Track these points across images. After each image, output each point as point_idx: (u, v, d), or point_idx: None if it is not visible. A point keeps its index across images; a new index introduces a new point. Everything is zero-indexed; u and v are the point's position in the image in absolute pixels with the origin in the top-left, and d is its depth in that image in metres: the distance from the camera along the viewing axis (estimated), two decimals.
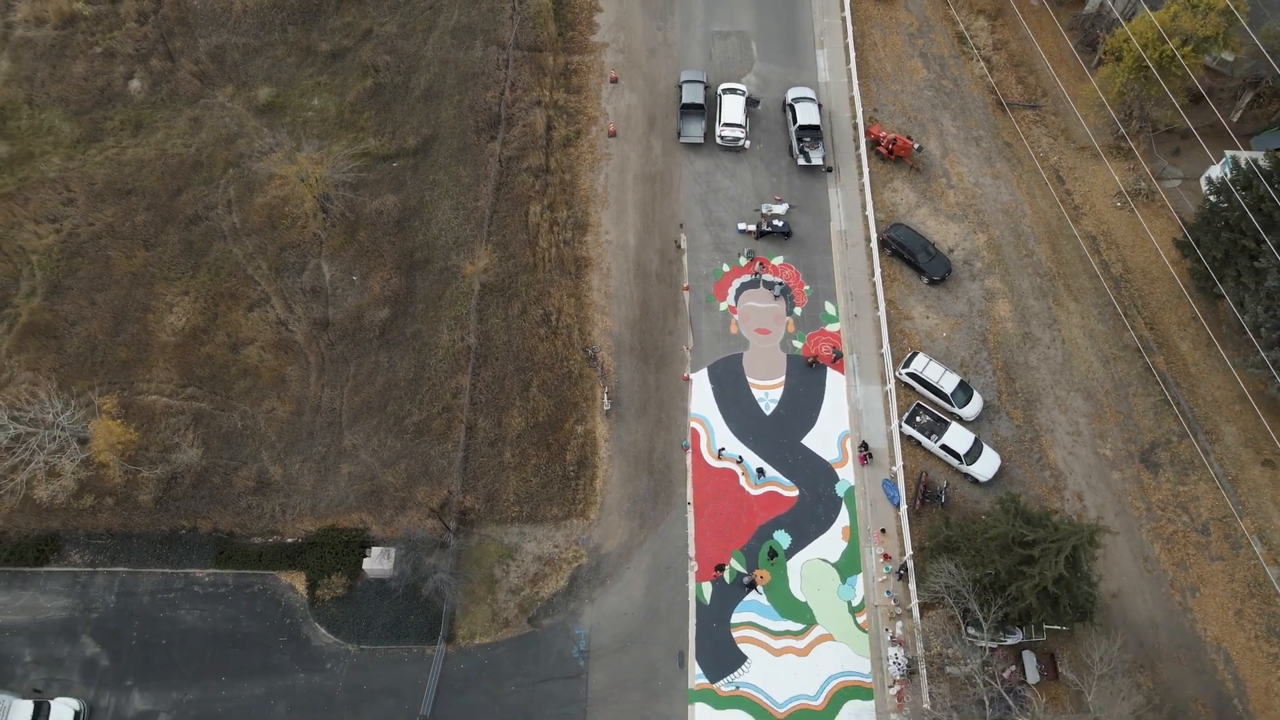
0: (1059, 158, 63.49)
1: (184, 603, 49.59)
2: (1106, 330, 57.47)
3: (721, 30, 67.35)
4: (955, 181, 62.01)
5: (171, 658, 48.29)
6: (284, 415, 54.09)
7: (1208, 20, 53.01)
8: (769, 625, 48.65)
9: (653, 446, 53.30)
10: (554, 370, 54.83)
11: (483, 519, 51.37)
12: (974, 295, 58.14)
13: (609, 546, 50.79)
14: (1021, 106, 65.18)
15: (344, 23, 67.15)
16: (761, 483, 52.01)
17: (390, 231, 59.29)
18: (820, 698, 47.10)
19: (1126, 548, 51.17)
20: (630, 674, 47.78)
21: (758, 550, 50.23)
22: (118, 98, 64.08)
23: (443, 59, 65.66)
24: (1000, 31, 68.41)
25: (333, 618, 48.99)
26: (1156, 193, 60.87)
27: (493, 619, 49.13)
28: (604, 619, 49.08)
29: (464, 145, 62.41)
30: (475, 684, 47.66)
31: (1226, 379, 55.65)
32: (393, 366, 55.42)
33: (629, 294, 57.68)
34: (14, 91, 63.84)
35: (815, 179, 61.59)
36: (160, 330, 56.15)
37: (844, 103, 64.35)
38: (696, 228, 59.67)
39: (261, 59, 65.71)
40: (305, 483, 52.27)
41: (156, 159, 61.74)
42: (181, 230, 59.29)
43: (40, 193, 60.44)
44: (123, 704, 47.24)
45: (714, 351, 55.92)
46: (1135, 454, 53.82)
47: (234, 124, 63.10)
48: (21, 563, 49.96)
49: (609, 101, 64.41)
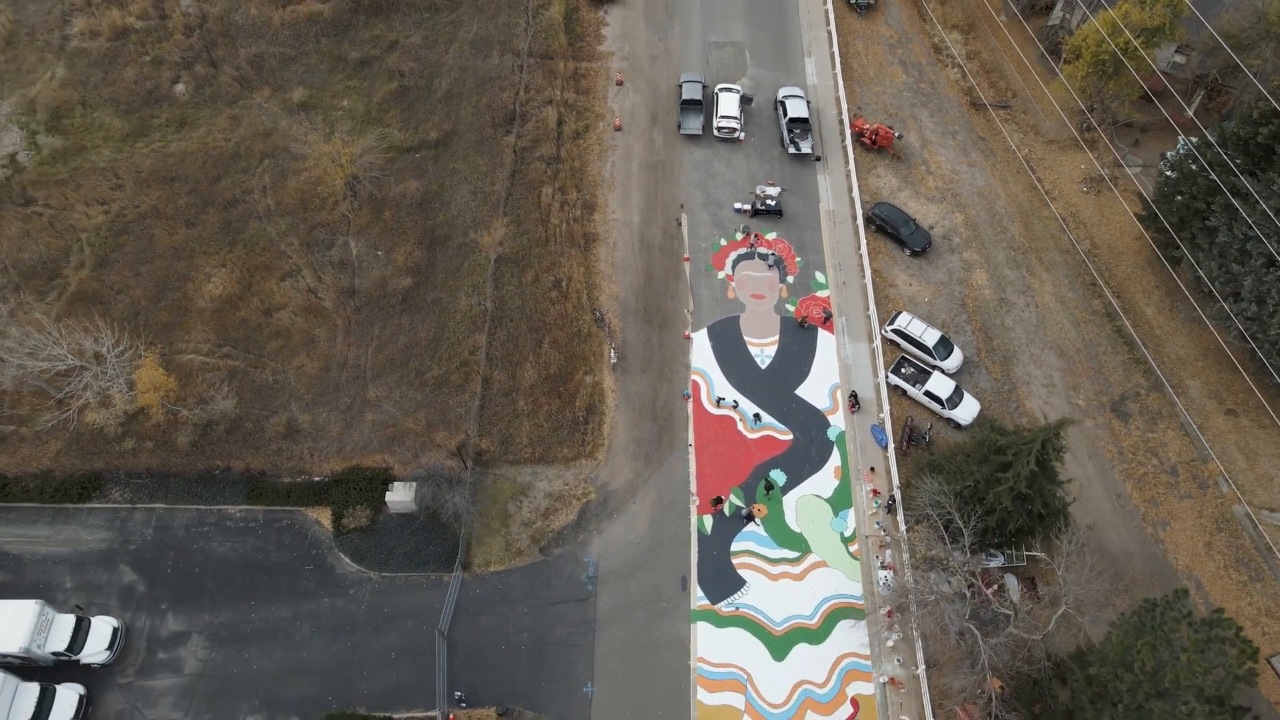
0: (1029, 150, 68.91)
1: (216, 536, 52.76)
2: (1077, 297, 61.90)
3: (718, 41, 73.64)
4: (934, 169, 67.30)
5: (204, 585, 51.24)
6: (312, 371, 58.08)
7: (1154, 12, 58.90)
8: (766, 553, 51.76)
9: (656, 396, 57.16)
10: (564, 330, 59.04)
11: (498, 460, 54.91)
12: (953, 266, 62.76)
13: (615, 484, 54.21)
14: (994, 106, 70.93)
15: (372, 35, 73.43)
16: (758, 427, 55.69)
17: (413, 212, 64.23)
18: (815, 617, 49.95)
19: (1100, 486, 54.59)
20: (636, 597, 50.68)
21: (755, 487, 53.60)
22: (164, 99, 69.83)
23: (462, 66, 71.70)
24: (973, 43, 74.70)
25: (356, 548, 52.11)
26: (1120, 179, 66.02)
27: (506, 548, 52.25)
28: (611, 548, 52.21)
29: (481, 138, 67.87)
30: (490, 607, 50.52)
31: (1190, 339, 59.88)
32: (414, 328, 59.64)
33: (634, 264, 62.30)
34: (68, 93, 69.60)
35: (805, 166, 66.85)
36: (199, 297, 60.52)
37: (830, 102, 70.10)
38: (696, 207, 64.66)
39: (297, 66, 71.73)
40: (332, 429, 55.97)
41: (198, 151, 67.08)
42: (220, 211, 64.20)
43: (91, 180, 65.59)
44: (157, 625, 50.04)
45: (713, 314, 60.24)
46: (1106, 404, 57.64)
47: (270, 121, 68.68)
48: (66, 499, 53.27)
49: (615, 101, 70.19)
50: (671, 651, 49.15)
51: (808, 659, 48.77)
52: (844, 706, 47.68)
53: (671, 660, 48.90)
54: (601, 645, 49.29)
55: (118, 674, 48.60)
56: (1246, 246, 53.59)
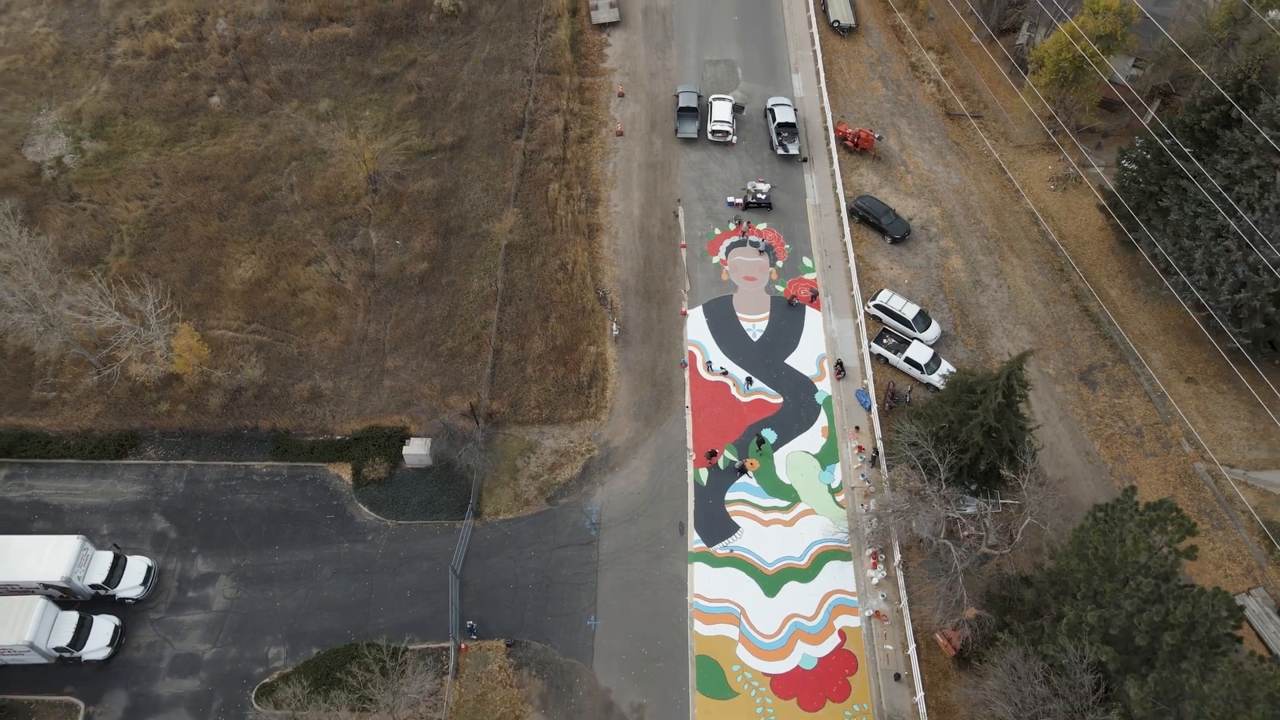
0: (1000, 154, 74.34)
1: (243, 489, 56.38)
2: (1046, 280, 66.55)
3: (712, 59, 79.82)
4: (912, 169, 72.65)
5: (231, 532, 54.70)
6: (335, 344, 62.39)
7: (1106, 20, 64.85)
8: (759, 502, 55.32)
9: (655, 365, 61.33)
10: (569, 307, 63.52)
11: (507, 420, 58.82)
12: (930, 252, 67.55)
13: (617, 442, 58.02)
14: (966, 116, 76.67)
15: (393, 54, 79.61)
16: (750, 392, 59.72)
17: (429, 206, 69.31)
18: (805, 558, 53.28)
19: (1070, 445, 58.36)
20: (636, 541, 54.07)
21: (748, 444, 57.39)
22: (200, 109, 75.60)
23: (476, 81, 77.69)
24: (947, 62, 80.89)
25: (374, 498, 55.68)
26: (1084, 178, 71.29)
27: (515, 499, 55.82)
28: (613, 498, 55.77)
29: (493, 143, 73.39)
30: (499, 550, 53.87)
31: (1151, 316, 64.31)
32: (430, 307, 64.14)
33: (634, 251, 67.11)
34: (112, 105, 75.39)
35: (793, 167, 72.18)
36: (229, 280, 65.19)
37: (816, 111, 75.84)
38: (691, 201, 69.75)
39: (323, 81, 77.70)
40: (352, 394, 60.03)
41: (231, 154, 72.52)
42: (250, 206, 69.29)
43: (131, 179, 70.88)
44: (188, 567, 53.37)
45: (708, 294, 64.78)
46: (1075, 373, 61.77)
47: (298, 129, 74.27)
48: (104, 456, 57.05)
49: (617, 110, 75.95)
50: (670, 589, 52.36)
51: (798, 595, 51.95)
52: (832, 637, 50.71)
53: (670, 596, 52.09)
54: (604, 584, 52.51)
55: (150, 610, 51.77)
56: (1196, 223, 58.41)
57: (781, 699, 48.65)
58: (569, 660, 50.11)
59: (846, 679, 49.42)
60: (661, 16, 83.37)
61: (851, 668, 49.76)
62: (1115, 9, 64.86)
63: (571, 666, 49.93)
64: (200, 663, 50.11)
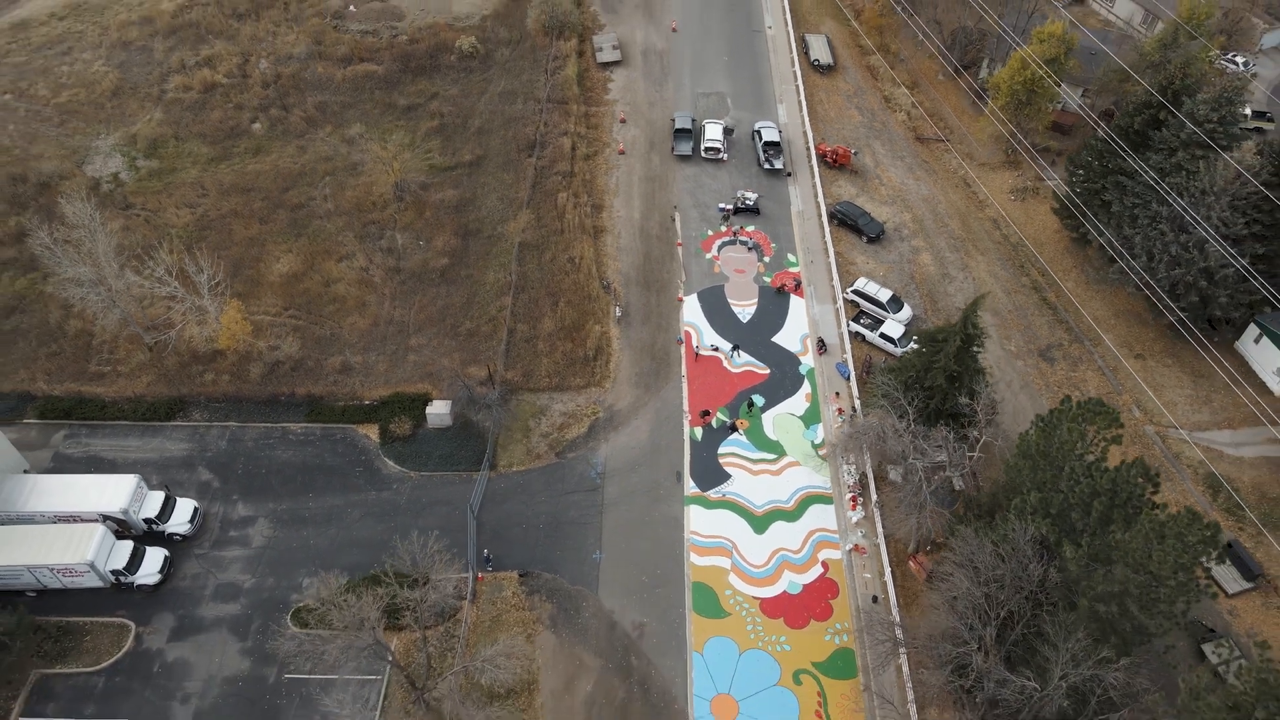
0: (965, 171, 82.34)
1: (280, 446, 62.09)
2: (1008, 274, 73.55)
3: (705, 91, 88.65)
4: (886, 181, 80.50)
5: (269, 482, 60.20)
6: (363, 326, 68.92)
7: (1050, 45, 73.56)
8: (749, 455, 60.99)
9: (654, 341, 67.75)
10: (577, 294, 70.26)
11: (520, 388, 64.89)
12: (903, 250, 74.73)
13: (620, 405, 63.98)
14: (934, 140, 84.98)
15: (417, 88, 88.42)
16: (740, 363, 65.99)
17: (450, 212, 76.79)
18: (790, 501, 58.69)
19: (1031, 410, 64.02)
20: (637, 487, 59.55)
21: (739, 407, 63.38)
22: (244, 134, 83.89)
23: (492, 110, 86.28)
24: (916, 95, 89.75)
25: (399, 453, 61.35)
26: (1040, 189, 79.09)
27: (527, 453, 61.48)
28: (616, 452, 61.44)
29: (508, 160, 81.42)
30: (513, 497, 59.29)
31: (1103, 303, 71.03)
32: (450, 295, 70.91)
33: (635, 248, 74.29)
34: (164, 130, 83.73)
35: (778, 180, 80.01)
36: (269, 274, 72.12)
37: (798, 135, 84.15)
38: (687, 207, 77.28)
39: (354, 110, 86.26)
40: (379, 367, 66.27)
41: (271, 170, 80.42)
42: (288, 213, 76.76)
43: (181, 190, 78.57)
44: (229, 511, 58.71)
45: (702, 284, 71.63)
46: (1035, 351, 68.15)
47: (331, 149, 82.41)
48: (154, 418, 62.93)
49: (619, 133, 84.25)
50: (668, 527, 57.63)
51: (784, 532, 57.20)
52: (815, 568, 55.76)
53: (668, 533, 57.33)
54: (608, 523, 57.79)
55: (195, 546, 56.93)
56: (1134, 212, 65.78)
57: (769, 618, 53.46)
58: (576, 587, 55.05)
59: (829, 602, 54.29)
60: (659, 57, 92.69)
61: (833, 593, 54.69)
62: (1059, 35, 73.60)
63: (578, 593, 54.84)
64: (240, 590, 55.04)
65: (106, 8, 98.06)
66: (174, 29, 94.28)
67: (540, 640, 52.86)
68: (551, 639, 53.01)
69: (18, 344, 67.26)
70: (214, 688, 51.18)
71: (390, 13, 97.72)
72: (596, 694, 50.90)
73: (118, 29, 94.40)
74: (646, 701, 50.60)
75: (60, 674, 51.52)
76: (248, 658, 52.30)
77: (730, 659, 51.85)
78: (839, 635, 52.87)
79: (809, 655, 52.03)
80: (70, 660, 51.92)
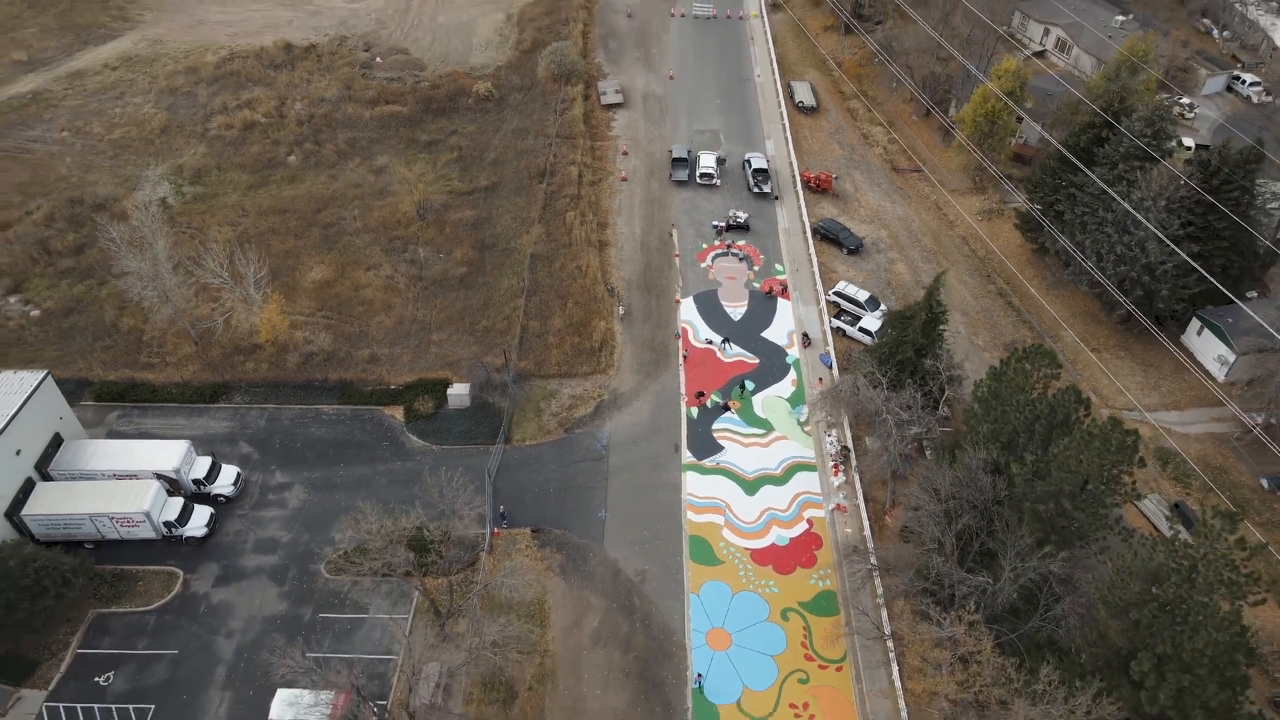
0: (937, 196, 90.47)
1: (314, 425, 68.26)
2: (976, 282, 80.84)
3: (699, 129, 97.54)
4: (864, 204, 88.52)
5: (304, 455, 66.20)
6: (389, 324, 75.80)
7: (1006, 80, 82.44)
8: (740, 430, 67.17)
9: (654, 336, 74.55)
10: (584, 296, 77.34)
11: (533, 375, 71.39)
12: (880, 261, 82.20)
13: (623, 389, 70.39)
14: (909, 171, 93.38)
15: (438, 126, 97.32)
16: (731, 354, 72.67)
17: (468, 229, 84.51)
18: (778, 469, 64.63)
19: None
20: (639, 457, 65.53)
21: (731, 390, 69.83)
22: (280, 165, 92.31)
23: (506, 144, 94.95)
24: (892, 133, 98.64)
25: (421, 429, 67.47)
26: (1005, 211, 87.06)
27: (539, 430, 67.63)
28: (619, 428, 67.59)
29: (521, 186, 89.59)
30: (526, 466, 65.23)
31: (1063, 306, 78.09)
32: (468, 299, 78.01)
33: (636, 259, 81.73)
34: (207, 161, 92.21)
35: (766, 203, 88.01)
36: (303, 281, 79.33)
37: (785, 165, 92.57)
38: (683, 225, 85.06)
39: (381, 144, 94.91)
40: (404, 358, 72.88)
41: (305, 195, 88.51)
42: (321, 230, 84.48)
43: (223, 211, 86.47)
44: (268, 478, 64.56)
45: (697, 288, 78.82)
46: (1000, 345, 74.86)
47: (359, 178, 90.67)
48: (200, 401, 69.23)
49: (621, 164, 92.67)
50: (666, 490, 63.44)
51: (773, 495, 62.99)
52: (800, 524, 61.41)
53: (667, 495, 63.10)
54: (612, 488, 63.60)
55: (237, 508, 62.60)
56: (1084, 219, 73.44)
57: (759, 566, 58.92)
58: (583, 541, 60.60)
59: (813, 552, 59.81)
60: (658, 101, 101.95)
61: (817, 544, 60.25)
62: (1014, 71, 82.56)
63: (586, 545, 60.37)
64: (279, 544, 60.55)
65: (155, 60, 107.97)
66: (217, 78, 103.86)
67: (551, 585, 58.19)
68: (561, 584, 58.35)
69: (75, 339, 73.94)
70: (254, 625, 56.30)
71: (413, 63, 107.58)
72: (602, 629, 56.05)
73: (166, 77, 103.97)
74: (648, 635, 55.72)
75: (115, 613, 56.71)
76: (285, 600, 57.55)
77: (724, 599, 57.16)
78: (822, 579, 58.26)
79: (795, 596, 57.34)
80: (124, 601, 57.16)
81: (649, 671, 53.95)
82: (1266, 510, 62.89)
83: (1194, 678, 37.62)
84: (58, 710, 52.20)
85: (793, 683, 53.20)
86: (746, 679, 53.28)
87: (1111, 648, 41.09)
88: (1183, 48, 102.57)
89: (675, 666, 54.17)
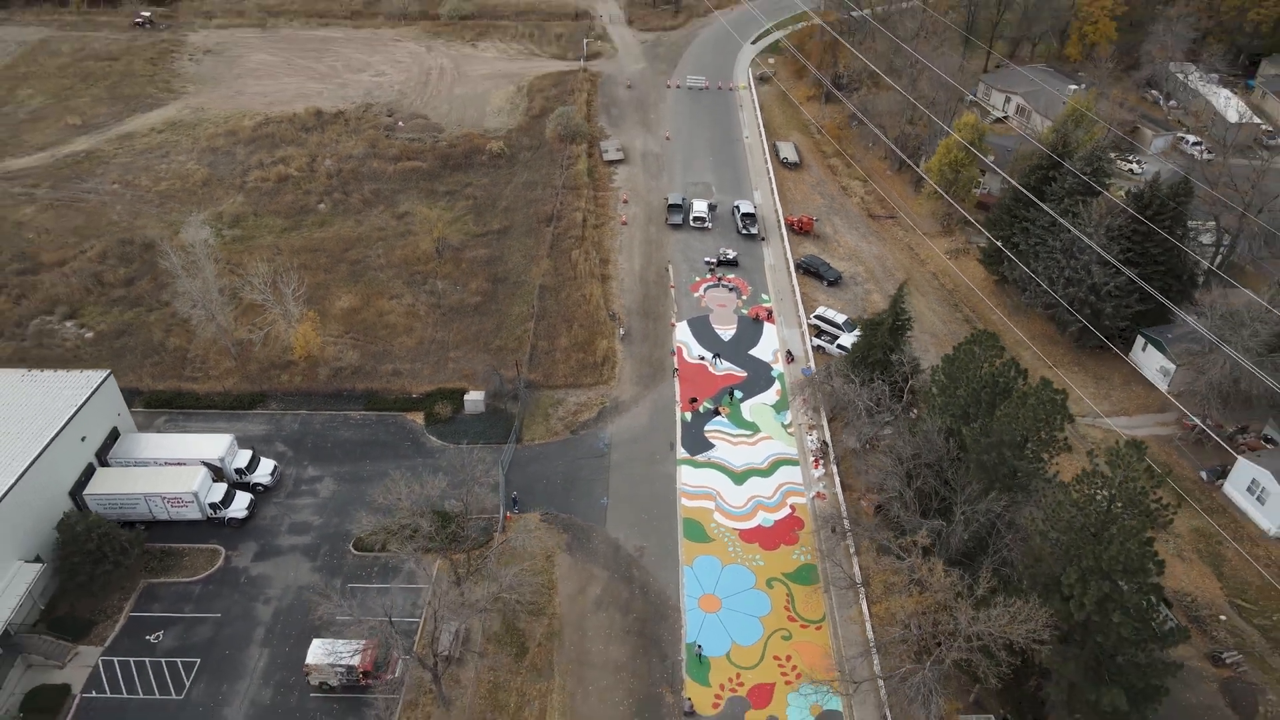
0: (910, 239, 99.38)
1: (343, 428, 75.23)
2: (944, 310, 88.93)
3: (693, 181, 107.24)
4: (842, 244, 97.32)
5: (334, 453, 72.99)
6: (410, 344, 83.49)
7: (966, 131, 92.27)
8: (729, 431, 74.15)
9: (651, 353, 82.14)
10: (588, 320, 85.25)
11: (541, 386, 78.70)
12: (857, 291, 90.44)
13: (624, 397, 77.58)
14: (883, 217, 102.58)
15: (454, 179, 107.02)
16: (722, 369, 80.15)
17: (482, 265, 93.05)
18: (764, 463, 71.37)
19: None
20: (637, 454, 72.30)
21: (721, 397, 77.08)
22: (311, 212, 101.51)
23: (516, 194, 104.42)
24: (869, 186, 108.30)
25: (440, 431, 74.39)
26: (970, 250, 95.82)
27: (547, 431, 74.55)
28: (620, 430, 74.53)
29: (530, 229, 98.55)
30: (534, 462, 71.95)
31: (1024, 329, 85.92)
32: (482, 322, 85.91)
33: (635, 290, 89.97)
34: (245, 209, 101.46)
35: (753, 244, 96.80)
36: (332, 308, 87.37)
37: (770, 212, 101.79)
38: (678, 262, 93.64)
39: (403, 194, 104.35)
40: (424, 371, 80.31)
41: (333, 237, 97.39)
42: (348, 266, 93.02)
43: (259, 250, 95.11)
44: (301, 472, 71.21)
45: (690, 314, 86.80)
46: None
47: (383, 223, 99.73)
48: (239, 407, 76.40)
49: (622, 210, 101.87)
50: (663, 481, 70.02)
51: (759, 485, 69.58)
52: (784, 509, 67.82)
53: (663, 485, 69.65)
54: (613, 479, 70.18)
55: (274, 496, 69.07)
56: (1036, 249, 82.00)
57: (747, 543, 65.16)
58: (587, 523, 66.90)
59: (796, 532, 66.12)
60: (656, 158, 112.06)
61: (799, 526, 66.59)
62: (973, 124, 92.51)
63: (589, 527, 66.66)
64: (311, 526, 66.84)
65: (197, 124, 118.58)
66: (253, 139, 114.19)
67: (558, 560, 64.30)
68: (567, 559, 64.45)
69: (125, 357, 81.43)
70: (290, 594, 62.21)
71: (432, 126, 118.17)
72: (605, 596, 61.97)
73: (207, 139, 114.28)
74: (646, 600, 61.61)
75: (164, 583, 62.65)
76: (318, 573, 63.55)
77: (714, 570, 63.23)
78: (804, 554, 64.41)
79: (779, 568, 63.44)
80: (172, 573, 63.17)
81: (647, 629, 59.71)
82: (1206, 498, 69.40)
83: (1112, 584, 43.90)
84: (112, 663, 57.76)
85: (777, 639, 58.92)
86: (735, 636, 59.03)
87: (1045, 570, 47.35)
88: (1119, 107, 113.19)
89: (670, 626, 59.93)
